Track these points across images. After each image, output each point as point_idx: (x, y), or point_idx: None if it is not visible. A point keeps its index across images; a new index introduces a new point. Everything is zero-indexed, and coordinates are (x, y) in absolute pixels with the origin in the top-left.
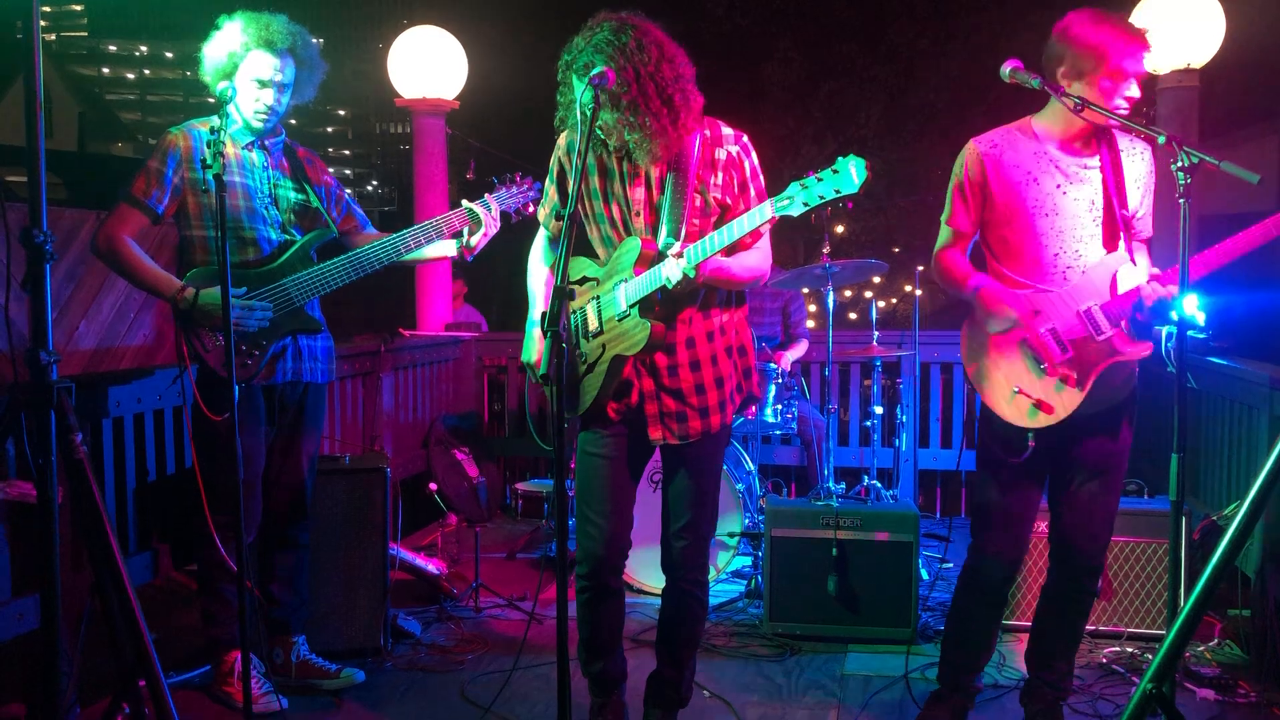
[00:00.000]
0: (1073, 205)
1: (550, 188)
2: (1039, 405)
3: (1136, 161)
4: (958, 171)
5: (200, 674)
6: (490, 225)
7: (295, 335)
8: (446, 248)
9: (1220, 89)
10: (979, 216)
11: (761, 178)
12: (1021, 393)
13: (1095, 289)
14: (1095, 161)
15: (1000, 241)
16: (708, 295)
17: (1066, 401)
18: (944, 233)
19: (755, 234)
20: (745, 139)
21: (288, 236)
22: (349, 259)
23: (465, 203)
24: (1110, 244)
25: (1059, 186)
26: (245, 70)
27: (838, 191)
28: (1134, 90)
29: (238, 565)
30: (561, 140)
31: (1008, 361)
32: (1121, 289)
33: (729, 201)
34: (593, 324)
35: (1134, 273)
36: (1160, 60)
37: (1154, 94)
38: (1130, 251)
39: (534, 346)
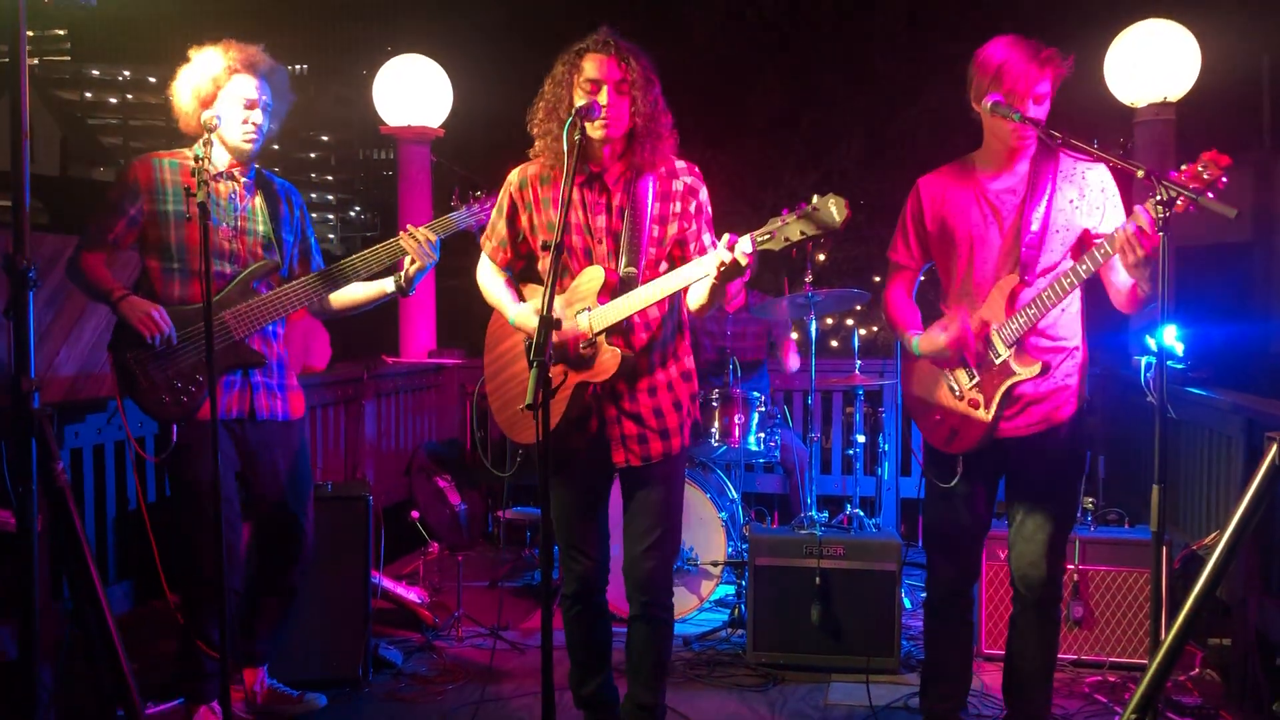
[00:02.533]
0: (995, 236)
1: (498, 220)
2: (955, 430)
3: (1078, 181)
4: (904, 208)
5: (179, 705)
6: (423, 256)
7: (244, 370)
8: (385, 285)
9: (1195, 122)
10: (920, 252)
11: (710, 208)
12: (943, 420)
13: (994, 311)
14: (1021, 189)
15: (945, 275)
16: (664, 323)
17: (975, 426)
18: (889, 268)
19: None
20: (697, 170)
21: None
22: (289, 289)
23: (403, 233)
24: (1013, 267)
25: (985, 218)
26: (230, 93)
27: (818, 229)
28: (1033, 110)
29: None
30: (513, 175)
31: (931, 390)
32: (1015, 308)
33: (684, 226)
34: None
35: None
36: (1137, 94)
37: (1131, 127)
38: (1030, 273)
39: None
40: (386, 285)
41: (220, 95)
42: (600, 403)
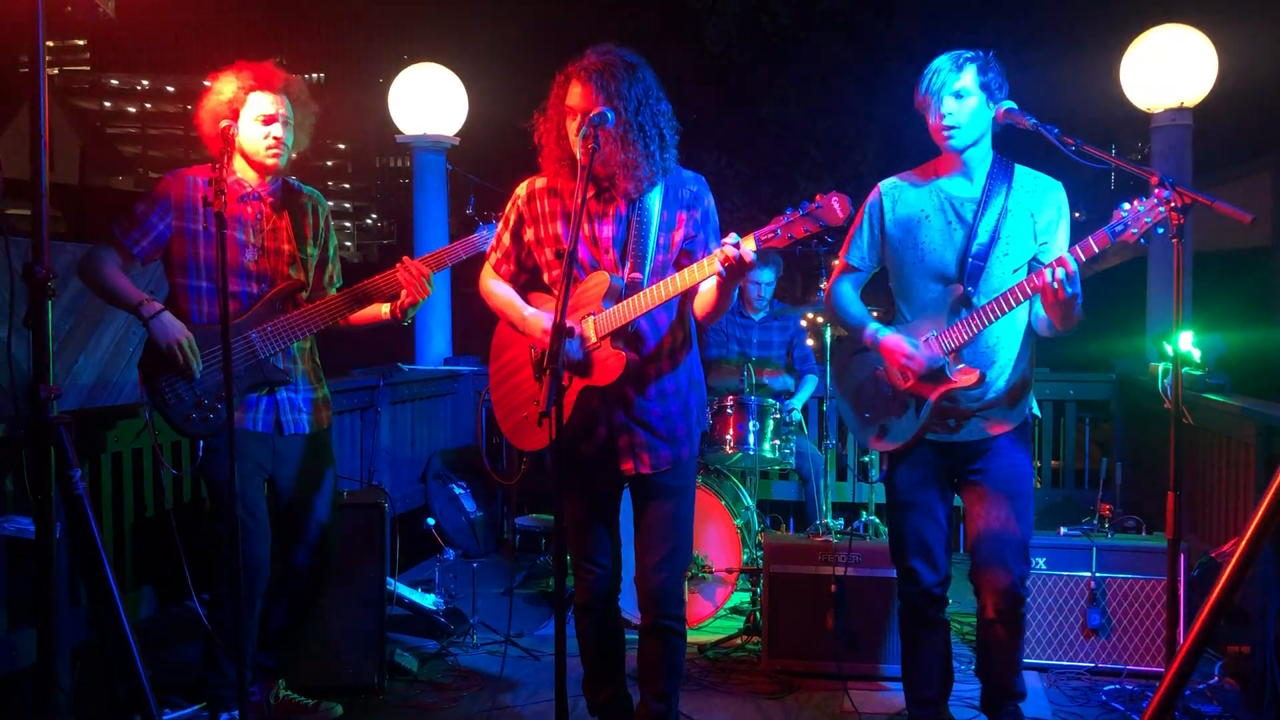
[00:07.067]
0: (952, 240)
1: (504, 233)
2: (884, 429)
3: (1034, 197)
4: (862, 210)
5: (195, 710)
6: (417, 291)
7: (269, 387)
8: (379, 310)
9: (1213, 126)
10: (878, 254)
11: (717, 217)
12: (871, 417)
13: (935, 319)
14: (977, 196)
15: (897, 278)
16: (672, 331)
17: (904, 427)
18: (837, 266)
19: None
20: (703, 179)
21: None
22: (315, 309)
23: (399, 265)
24: (960, 276)
25: (949, 223)
26: (248, 112)
27: (821, 225)
28: None
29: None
30: (521, 189)
31: (862, 387)
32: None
33: (690, 234)
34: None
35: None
36: (1153, 99)
37: (1148, 132)
38: (974, 283)
39: (544, 322)
40: (383, 310)
41: (240, 116)
42: (609, 409)
